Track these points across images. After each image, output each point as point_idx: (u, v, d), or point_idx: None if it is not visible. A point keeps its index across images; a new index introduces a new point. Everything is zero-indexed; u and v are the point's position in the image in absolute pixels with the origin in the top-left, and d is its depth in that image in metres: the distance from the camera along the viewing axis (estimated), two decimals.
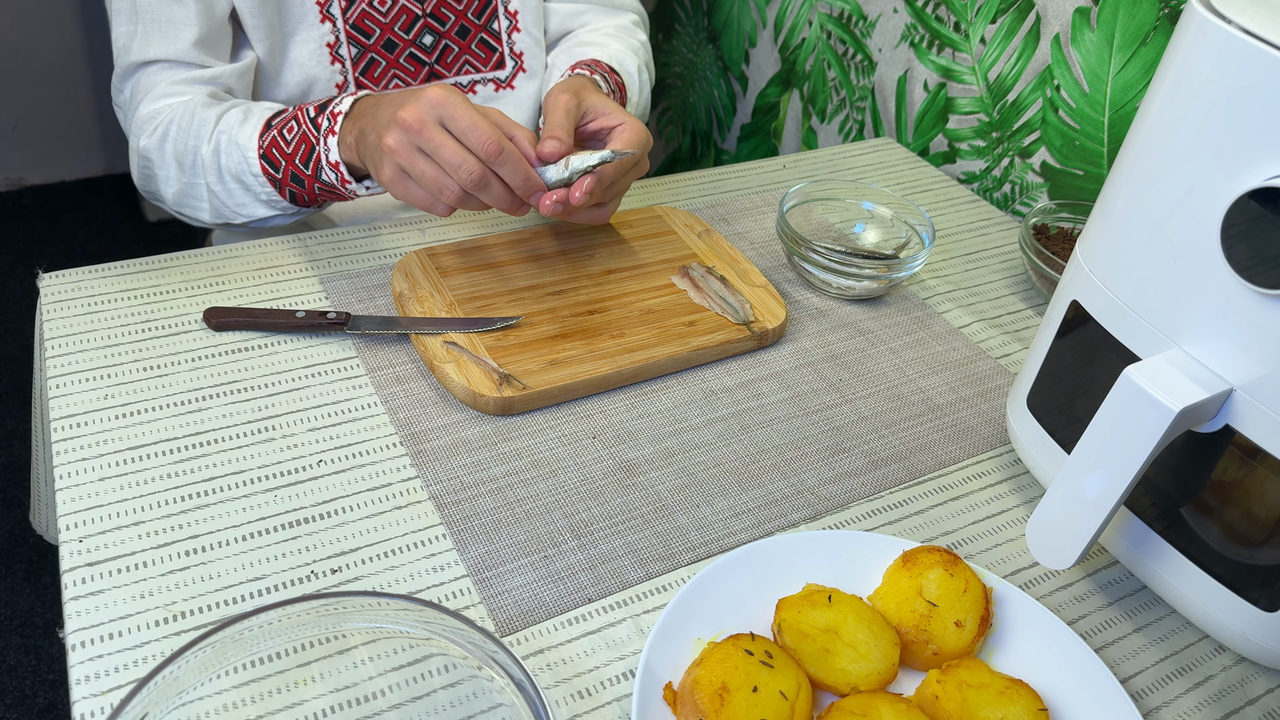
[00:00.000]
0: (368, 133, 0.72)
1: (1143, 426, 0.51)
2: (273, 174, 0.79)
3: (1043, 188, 1.04)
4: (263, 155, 0.78)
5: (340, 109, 0.76)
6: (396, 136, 0.69)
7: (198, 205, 0.83)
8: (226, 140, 0.79)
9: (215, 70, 0.84)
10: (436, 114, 0.68)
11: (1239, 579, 0.57)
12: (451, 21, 0.95)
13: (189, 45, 0.81)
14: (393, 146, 0.69)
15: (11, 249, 2.20)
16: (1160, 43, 0.88)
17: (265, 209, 0.82)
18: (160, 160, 0.82)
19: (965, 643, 0.56)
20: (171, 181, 0.82)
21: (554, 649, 0.56)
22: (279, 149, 0.78)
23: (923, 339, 0.84)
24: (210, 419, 0.67)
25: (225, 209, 0.82)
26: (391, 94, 0.73)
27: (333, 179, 0.77)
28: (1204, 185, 0.51)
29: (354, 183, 0.77)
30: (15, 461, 1.71)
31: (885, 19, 1.20)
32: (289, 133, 0.78)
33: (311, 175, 0.78)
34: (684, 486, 0.67)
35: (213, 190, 0.81)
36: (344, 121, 0.76)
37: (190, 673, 0.47)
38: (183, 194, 0.83)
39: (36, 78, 2.25)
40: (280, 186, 0.79)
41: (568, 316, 0.78)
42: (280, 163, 0.78)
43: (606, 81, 0.89)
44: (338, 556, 0.59)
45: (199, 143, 0.79)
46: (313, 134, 0.77)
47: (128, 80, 0.84)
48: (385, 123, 0.70)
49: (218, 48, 0.85)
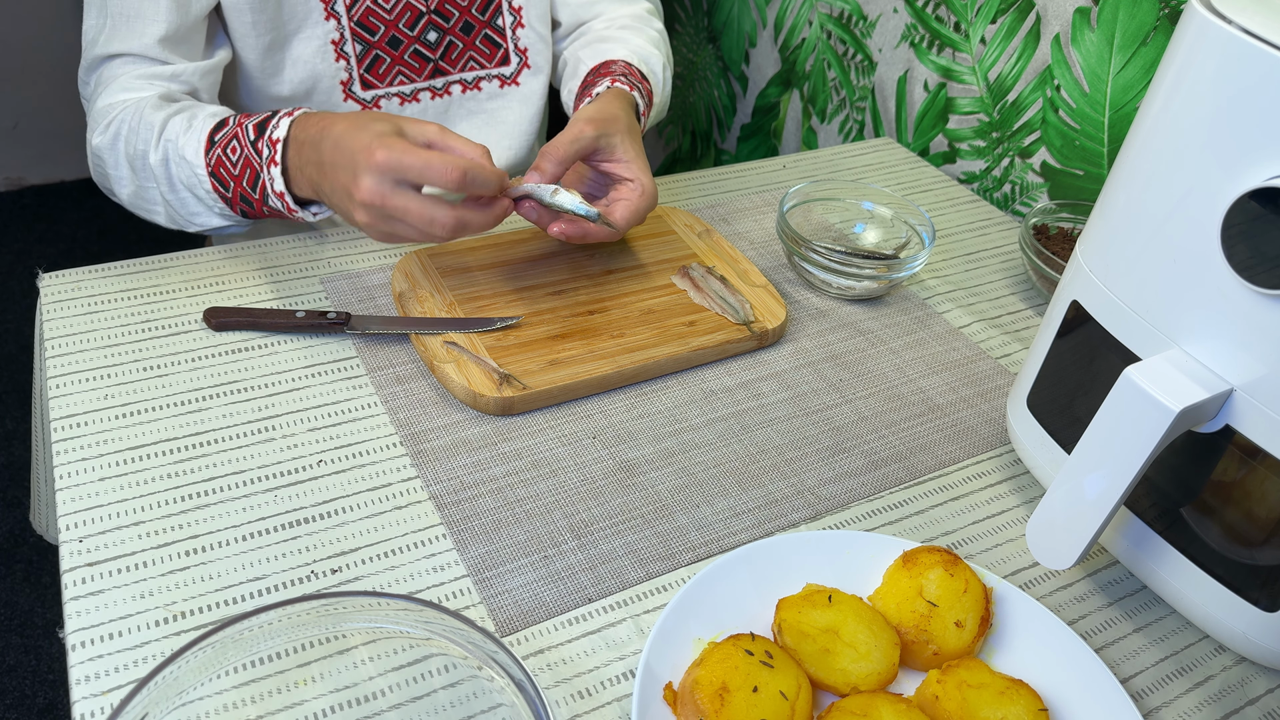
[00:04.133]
0: (325, 191, 0.70)
1: (1143, 426, 0.51)
2: (222, 192, 0.77)
3: (1043, 188, 1.04)
4: (211, 174, 0.76)
5: (278, 135, 0.73)
6: (365, 215, 0.68)
7: (152, 210, 0.82)
8: (174, 151, 0.77)
9: (178, 68, 0.82)
10: (391, 179, 0.66)
11: (1239, 579, 0.57)
12: (456, 18, 0.95)
13: (154, 41, 0.80)
14: (366, 224, 0.68)
15: (11, 249, 2.20)
16: (1160, 43, 0.88)
17: (220, 219, 0.80)
18: (113, 160, 0.80)
19: (965, 643, 0.56)
20: (125, 182, 0.80)
21: (554, 649, 0.56)
22: (225, 169, 0.75)
23: (923, 339, 0.84)
24: (210, 419, 0.67)
25: (179, 216, 0.81)
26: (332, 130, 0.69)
27: (278, 206, 0.75)
28: (1204, 185, 0.51)
29: (300, 210, 0.75)
30: (15, 461, 1.71)
31: (885, 19, 1.20)
32: (233, 154, 0.75)
33: (259, 200, 0.76)
34: (684, 486, 0.67)
35: (166, 199, 0.80)
36: (284, 149, 0.73)
37: (190, 673, 0.47)
38: (137, 195, 0.81)
39: (36, 78, 2.25)
40: (232, 203, 0.77)
41: (568, 316, 0.78)
42: (229, 182, 0.76)
43: (642, 95, 0.88)
44: (338, 556, 0.59)
45: (146, 148, 0.77)
46: (255, 160, 0.74)
47: (93, 73, 0.82)
48: (344, 196, 0.68)
49: (187, 45, 0.83)
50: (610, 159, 0.78)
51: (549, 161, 0.74)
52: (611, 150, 0.77)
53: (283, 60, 0.89)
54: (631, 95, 0.86)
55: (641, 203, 0.77)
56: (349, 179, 0.67)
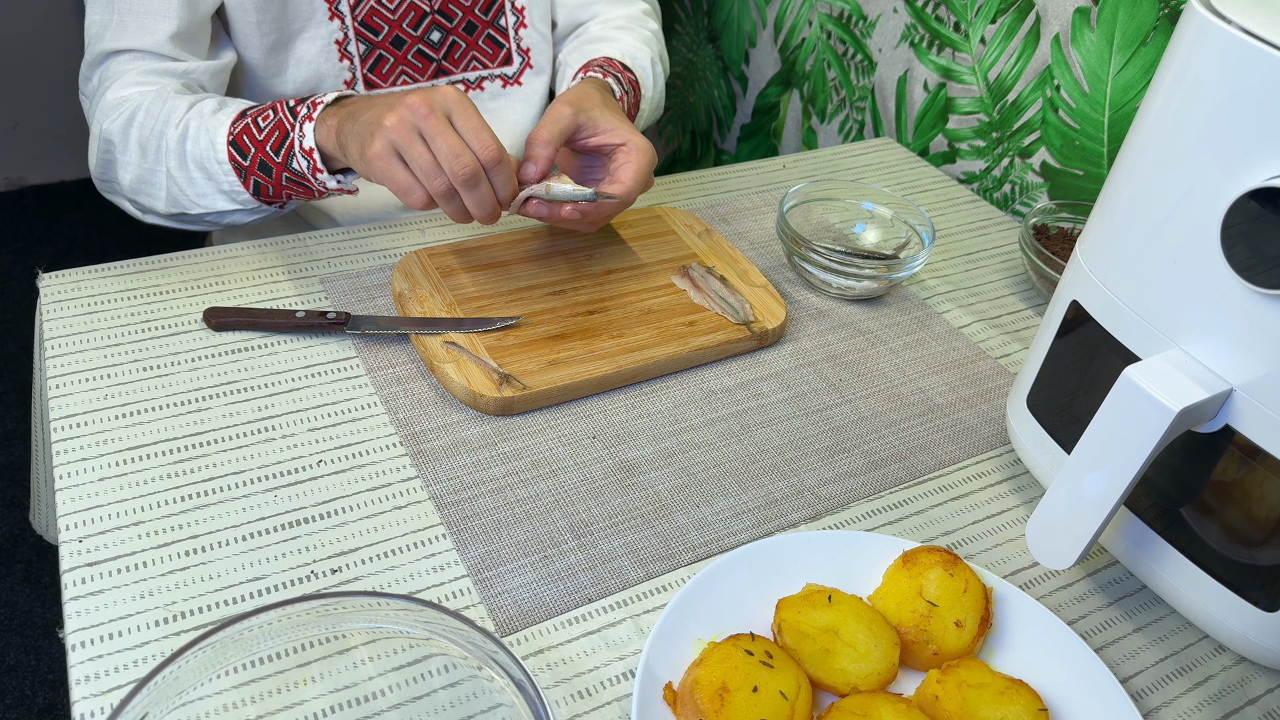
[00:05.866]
0: (359, 113, 0.70)
1: (1143, 426, 0.51)
2: (240, 161, 0.75)
3: (1043, 188, 1.04)
4: (232, 142, 0.75)
5: (323, 99, 0.74)
6: (400, 114, 0.67)
7: (153, 193, 0.80)
8: (196, 126, 0.76)
9: (189, 65, 0.82)
10: (445, 108, 0.68)
11: (1239, 579, 0.57)
12: (459, 18, 0.95)
13: (165, 38, 0.79)
14: (394, 123, 0.67)
15: (11, 249, 2.20)
16: (1160, 43, 0.88)
17: (225, 201, 0.79)
18: (123, 144, 0.79)
19: (965, 643, 0.56)
20: (131, 167, 0.79)
21: (554, 649, 0.56)
22: (250, 136, 0.75)
23: (923, 339, 0.84)
24: (210, 419, 0.67)
25: (183, 197, 0.79)
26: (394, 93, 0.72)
27: (303, 167, 0.74)
28: (1204, 185, 0.51)
29: (325, 173, 0.74)
30: (15, 461, 1.71)
31: (885, 19, 1.20)
32: (264, 120, 0.75)
33: (281, 164, 0.75)
34: (684, 486, 0.67)
35: (172, 176, 0.78)
36: (324, 109, 0.74)
37: (190, 673, 0.47)
38: (140, 180, 0.79)
39: (36, 78, 2.25)
40: (245, 176, 0.76)
41: (568, 316, 0.78)
42: (249, 150, 0.75)
43: (620, 82, 0.89)
44: (338, 556, 0.59)
45: (165, 127, 0.77)
46: (289, 120, 0.74)
47: (97, 68, 0.82)
48: (388, 105, 0.68)
49: (195, 44, 0.83)
50: (595, 132, 0.78)
51: (538, 147, 0.74)
52: (594, 124, 0.77)
53: (286, 60, 0.89)
54: (604, 80, 0.86)
55: (640, 159, 0.76)
56: (398, 97, 0.68)
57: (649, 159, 0.77)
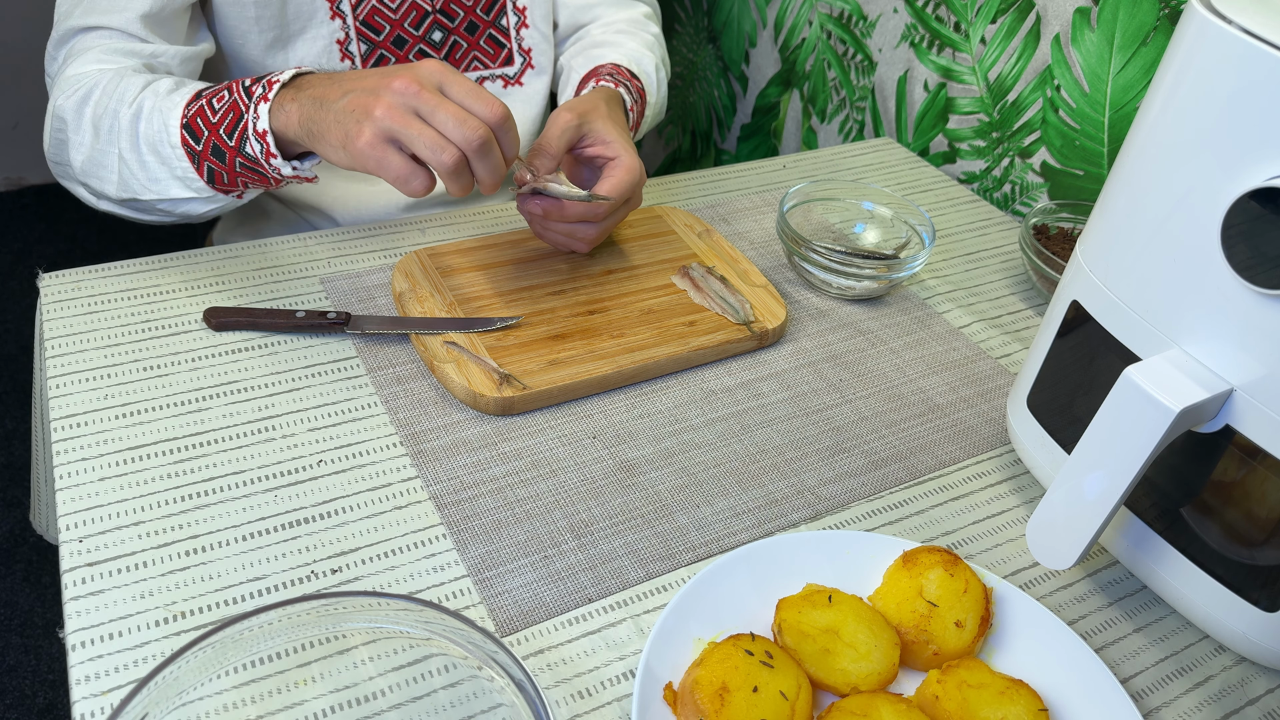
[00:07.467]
0: (328, 99, 0.66)
1: (1143, 426, 0.51)
2: (193, 146, 0.71)
3: (1043, 188, 1.04)
4: (185, 125, 0.71)
5: (279, 78, 0.70)
6: (388, 100, 0.64)
7: (105, 176, 0.76)
8: (150, 106, 0.72)
9: (156, 48, 0.79)
10: (434, 80, 0.65)
11: (1239, 579, 0.57)
12: (460, 18, 0.95)
13: (135, 17, 0.77)
14: (384, 110, 0.64)
15: (11, 249, 2.19)
16: (1160, 43, 0.88)
17: (179, 187, 0.74)
18: (75, 124, 0.75)
19: (965, 643, 0.56)
20: (83, 148, 0.75)
21: (554, 649, 0.56)
22: (204, 119, 0.71)
23: (923, 339, 0.84)
24: (210, 419, 0.67)
25: (134, 181, 0.75)
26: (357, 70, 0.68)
27: (257, 151, 0.70)
28: (1204, 185, 0.51)
29: (279, 158, 0.70)
30: (15, 461, 1.71)
31: (885, 19, 1.20)
32: (218, 101, 0.71)
33: (234, 148, 0.70)
34: (684, 486, 0.67)
35: (124, 159, 0.74)
36: (281, 90, 0.69)
37: (190, 673, 0.47)
38: (91, 161, 0.75)
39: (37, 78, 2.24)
40: (199, 161, 0.72)
41: (568, 316, 0.78)
42: (203, 133, 0.71)
43: (630, 91, 0.89)
44: (338, 556, 0.59)
45: (119, 106, 0.73)
46: (243, 101, 0.70)
47: (63, 46, 0.79)
48: (370, 88, 0.65)
49: (167, 28, 0.80)
50: (594, 142, 0.79)
51: (543, 157, 0.75)
52: (595, 135, 0.78)
53: (287, 60, 0.89)
54: (616, 91, 0.87)
55: (626, 176, 0.77)
56: (379, 80, 0.65)
57: (636, 177, 0.78)
